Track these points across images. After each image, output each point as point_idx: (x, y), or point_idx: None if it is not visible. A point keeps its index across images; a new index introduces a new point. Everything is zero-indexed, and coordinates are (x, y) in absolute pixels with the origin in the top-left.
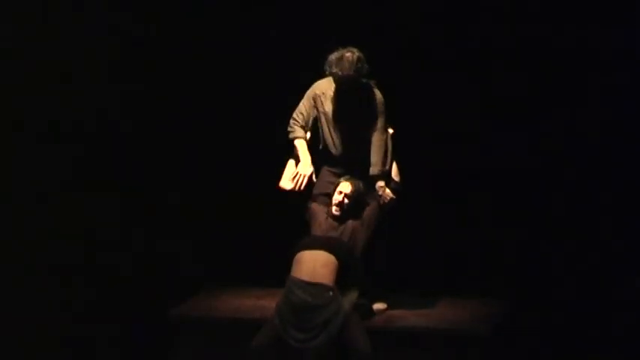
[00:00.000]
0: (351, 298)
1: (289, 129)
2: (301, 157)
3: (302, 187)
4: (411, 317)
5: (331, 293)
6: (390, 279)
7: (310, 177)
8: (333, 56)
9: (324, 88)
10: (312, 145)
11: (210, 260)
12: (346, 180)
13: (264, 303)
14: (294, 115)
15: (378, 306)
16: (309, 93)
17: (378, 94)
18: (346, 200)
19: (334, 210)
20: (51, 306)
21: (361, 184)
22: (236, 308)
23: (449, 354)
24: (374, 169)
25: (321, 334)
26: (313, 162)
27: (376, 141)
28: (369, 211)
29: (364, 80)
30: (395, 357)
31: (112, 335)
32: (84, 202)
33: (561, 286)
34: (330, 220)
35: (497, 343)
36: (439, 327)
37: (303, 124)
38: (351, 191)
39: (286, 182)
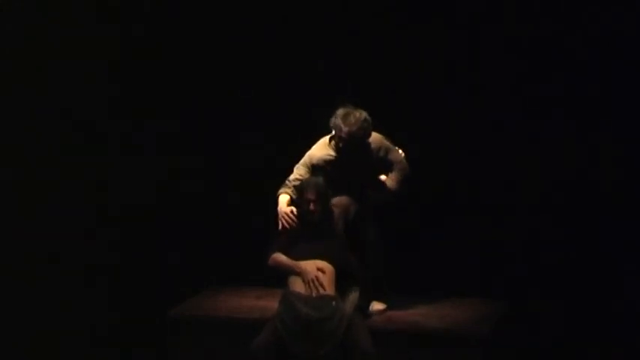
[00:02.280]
0: (352, 299)
1: (280, 190)
2: (279, 209)
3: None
4: (411, 317)
5: (334, 303)
6: (390, 279)
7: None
8: (341, 111)
9: (322, 154)
10: None
11: (209, 260)
12: (307, 186)
13: (264, 303)
14: (288, 182)
15: (378, 306)
16: (307, 162)
17: (375, 137)
18: (314, 205)
19: (311, 217)
20: (50, 305)
21: (319, 180)
22: (236, 308)
23: (449, 354)
24: (392, 185)
25: (328, 342)
26: None
27: (398, 168)
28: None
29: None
30: (395, 357)
31: (112, 335)
32: (83, 202)
33: (561, 287)
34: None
35: (497, 343)
36: (439, 327)
37: (293, 190)
38: (317, 193)
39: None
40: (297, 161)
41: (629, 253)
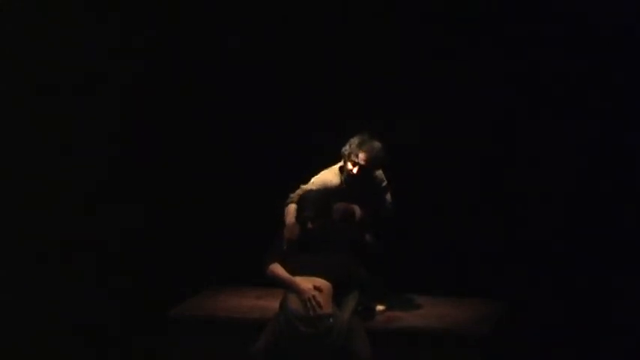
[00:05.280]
0: (350, 305)
1: (292, 197)
2: (287, 222)
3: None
4: (411, 317)
5: (331, 320)
6: (390, 279)
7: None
8: (357, 139)
9: (336, 182)
10: None
11: (209, 260)
12: (305, 203)
13: (264, 303)
14: (299, 193)
15: (378, 306)
16: (324, 184)
17: (380, 171)
18: (312, 224)
19: (310, 233)
20: (50, 306)
21: (317, 195)
22: (236, 308)
23: (449, 354)
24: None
25: (326, 352)
26: None
27: (390, 207)
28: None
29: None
30: (395, 357)
31: (112, 335)
32: (83, 203)
33: (561, 287)
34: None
35: (497, 343)
36: (439, 327)
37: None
38: (315, 210)
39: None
40: (297, 161)
41: (630, 253)
